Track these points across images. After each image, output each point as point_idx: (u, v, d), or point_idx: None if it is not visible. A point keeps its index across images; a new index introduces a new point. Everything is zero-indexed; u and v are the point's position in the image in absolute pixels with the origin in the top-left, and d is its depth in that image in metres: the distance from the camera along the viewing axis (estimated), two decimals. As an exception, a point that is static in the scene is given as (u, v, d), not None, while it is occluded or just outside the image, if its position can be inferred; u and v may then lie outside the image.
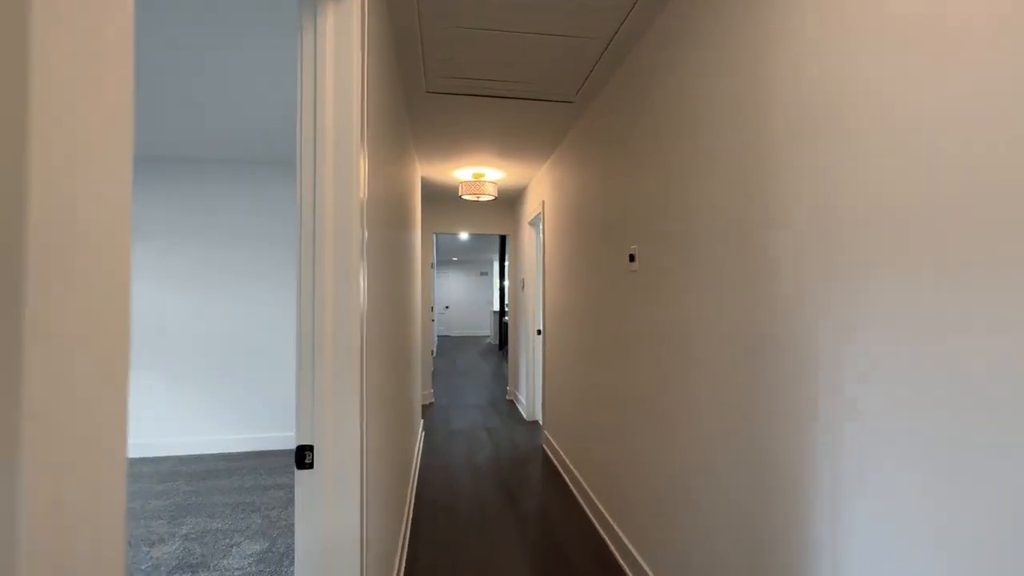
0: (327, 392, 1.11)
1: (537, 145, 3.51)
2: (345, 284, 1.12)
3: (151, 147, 3.52)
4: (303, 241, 1.10)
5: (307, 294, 1.10)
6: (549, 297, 3.88)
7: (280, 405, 3.92)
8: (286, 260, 3.97)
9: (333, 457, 1.11)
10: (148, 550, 2.37)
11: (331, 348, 1.11)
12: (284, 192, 3.97)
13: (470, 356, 9.98)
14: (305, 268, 1.10)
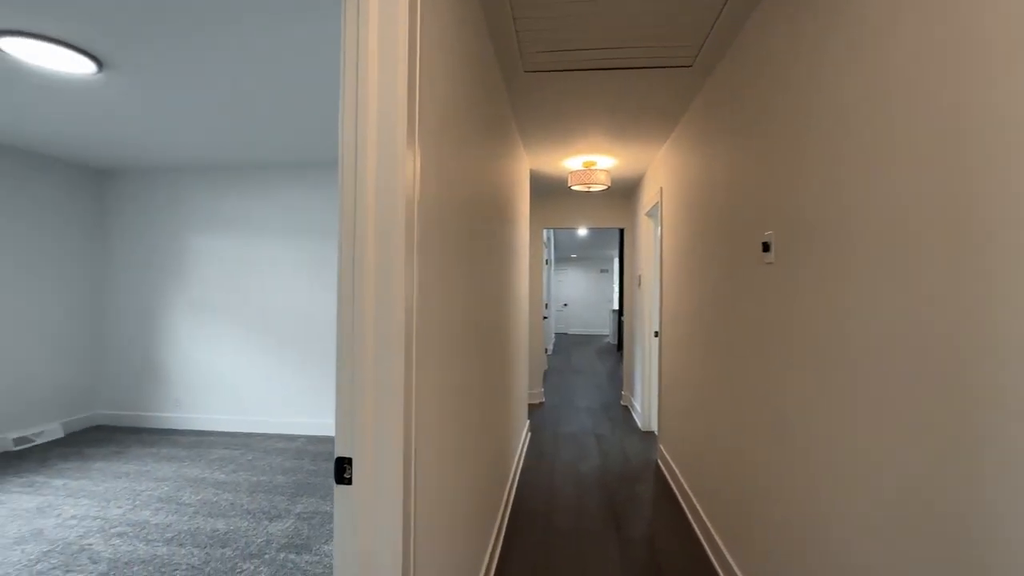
0: (367, 402, 0.97)
1: (652, 124, 3.12)
2: (386, 288, 0.97)
3: (309, 153, 3.88)
4: (343, 241, 0.98)
5: (347, 298, 0.98)
6: (667, 295, 3.45)
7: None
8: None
9: (373, 473, 0.97)
10: (267, 524, 2.56)
11: (371, 355, 0.97)
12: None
13: (586, 355, 9.67)
14: (344, 269, 0.98)
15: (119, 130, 3.28)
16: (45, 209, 3.97)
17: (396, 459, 0.97)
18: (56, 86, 2.56)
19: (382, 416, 0.97)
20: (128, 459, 3.51)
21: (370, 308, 0.97)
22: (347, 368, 0.97)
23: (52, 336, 4.04)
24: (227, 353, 4.27)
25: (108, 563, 2.19)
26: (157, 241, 4.37)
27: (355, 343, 0.97)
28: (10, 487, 3.01)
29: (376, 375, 0.97)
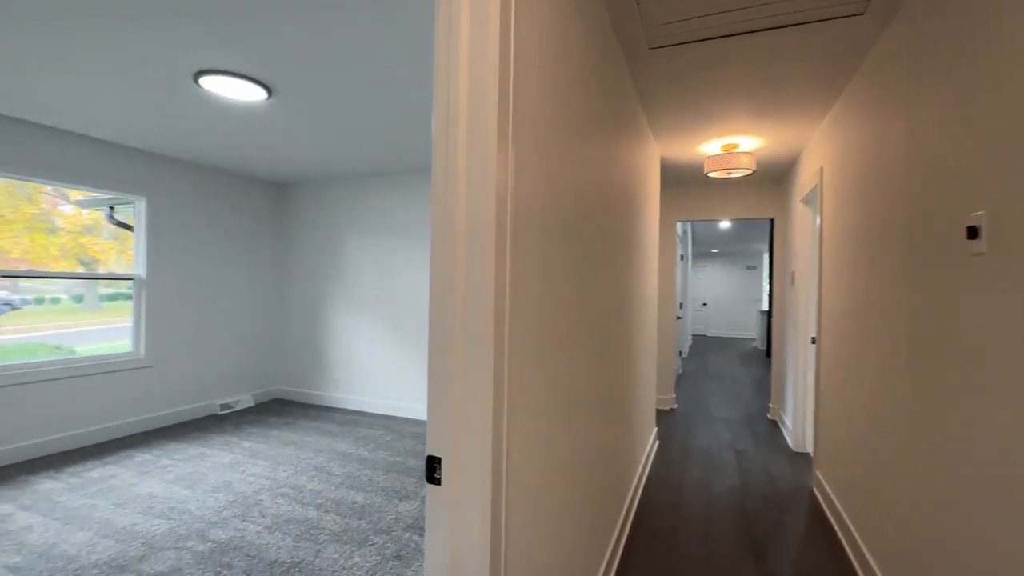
0: (455, 402, 0.93)
1: (810, 94, 2.64)
2: (476, 288, 0.93)
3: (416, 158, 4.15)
4: (435, 241, 0.95)
5: (438, 298, 0.95)
6: (828, 295, 2.92)
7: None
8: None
9: (461, 474, 0.93)
10: (397, 503, 2.76)
11: (460, 355, 0.93)
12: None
13: (727, 360, 8.78)
14: (436, 269, 0.95)
15: (287, 147, 3.82)
16: (238, 218, 4.83)
17: (484, 461, 0.92)
18: (237, 113, 3.06)
19: (470, 417, 0.93)
20: (296, 430, 4.10)
21: (460, 308, 0.93)
22: (437, 367, 0.95)
23: (245, 324, 4.91)
24: (374, 342, 4.75)
25: (272, 518, 2.55)
26: (322, 243, 5.04)
27: (445, 343, 0.94)
28: (214, 444, 3.71)
29: (464, 376, 0.93)
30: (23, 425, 3.31)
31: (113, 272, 4.27)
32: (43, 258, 4.23)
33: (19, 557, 2.16)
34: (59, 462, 3.28)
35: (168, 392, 4.20)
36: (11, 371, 3.26)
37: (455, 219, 0.94)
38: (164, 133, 3.51)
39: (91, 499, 2.74)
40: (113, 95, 2.80)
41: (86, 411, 3.65)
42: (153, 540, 2.32)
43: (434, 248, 0.95)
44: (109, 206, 4.29)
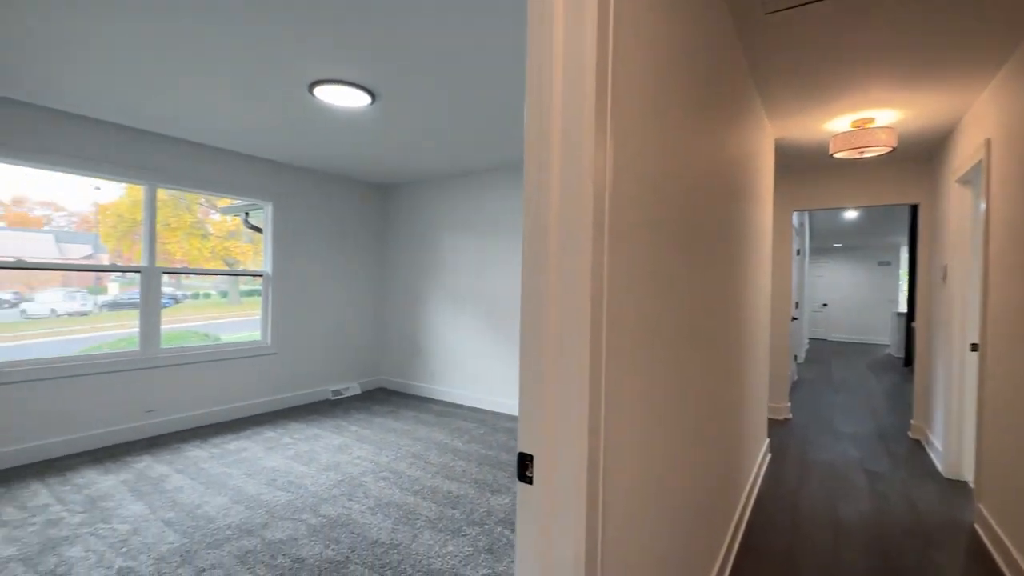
0: (548, 399, 0.88)
1: (976, 51, 2.20)
2: (571, 285, 0.86)
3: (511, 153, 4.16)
4: (527, 235, 0.90)
5: (530, 294, 0.90)
6: (996, 292, 2.41)
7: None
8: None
9: (554, 474, 0.87)
10: (490, 496, 2.78)
11: (554, 352, 0.87)
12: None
13: (854, 368, 7.76)
14: (528, 264, 0.90)
15: (387, 150, 4.04)
16: (346, 219, 5.23)
17: (578, 463, 0.85)
18: (344, 119, 3.28)
19: (564, 414, 0.87)
20: (398, 418, 4.33)
21: (553, 304, 0.88)
22: (529, 362, 0.90)
23: (354, 318, 5.30)
24: (468, 337, 4.87)
25: (375, 500, 2.70)
26: (420, 241, 5.28)
27: (538, 338, 0.89)
28: (326, 427, 4.04)
29: (558, 374, 0.87)
30: (179, 400, 3.87)
31: (247, 269, 4.84)
32: (198, 259, 4.93)
33: (172, 513, 2.51)
34: (204, 433, 3.78)
35: (289, 377, 4.67)
36: (173, 353, 3.83)
37: (548, 214, 0.88)
38: (284, 143, 3.89)
39: (227, 468, 3.11)
40: (245, 113, 3.15)
41: (226, 390, 4.18)
42: (275, 510, 2.57)
43: (527, 244, 0.90)
44: (245, 212, 4.88)
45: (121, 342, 3.73)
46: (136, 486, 2.82)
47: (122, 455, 3.30)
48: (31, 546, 2.18)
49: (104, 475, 2.97)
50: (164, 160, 3.75)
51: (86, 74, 2.63)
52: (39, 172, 3.36)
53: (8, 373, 3.06)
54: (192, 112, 3.20)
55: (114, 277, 4.57)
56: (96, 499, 2.65)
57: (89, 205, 4.10)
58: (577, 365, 0.85)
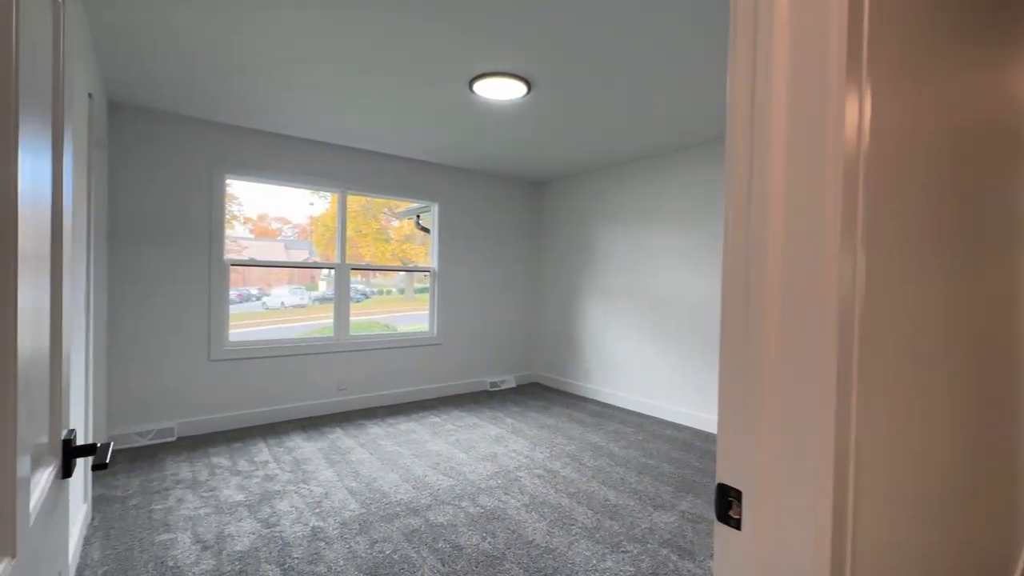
0: (763, 426, 0.64)
1: None
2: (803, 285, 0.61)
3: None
4: (730, 220, 0.68)
5: (735, 294, 0.67)
6: None
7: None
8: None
9: (777, 520, 0.63)
10: (652, 511, 2.52)
11: (774, 369, 0.63)
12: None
13: None
14: (732, 256, 0.67)
15: (542, 142, 3.99)
16: (502, 216, 5.35)
17: (815, 519, 0.60)
18: (501, 113, 3.30)
19: (793, 450, 0.62)
20: (551, 415, 4.28)
21: (773, 309, 0.63)
22: (734, 378, 0.67)
23: (509, 312, 5.43)
24: (624, 336, 4.60)
25: (529, 497, 2.65)
26: (573, 235, 5.17)
27: (747, 350, 0.66)
28: (484, 417, 4.18)
29: (784, 397, 0.63)
30: (362, 381, 4.38)
31: (417, 266, 5.28)
32: (381, 260, 5.59)
33: (355, 483, 2.79)
34: (382, 414, 4.21)
35: (452, 367, 4.96)
36: (358, 340, 4.35)
37: (766, 191, 0.64)
38: (446, 146, 4.11)
39: (399, 447, 3.39)
40: (414, 120, 3.38)
41: (399, 375, 4.61)
42: (438, 494, 2.68)
43: (729, 229, 0.68)
44: (416, 215, 5.34)
45: (325, 329, 4.37)
46: (329, 454, 3.23)
47: (320, 426, 3.83)
48: (254, 495, 2.62)
49: (306, 441, 3.47)
50: (350, 170, 4.27)
51: (292, 101, 3.08)
52: (274, 192, 4.11)
53: (244, 350, 3.77)
54: (370, 124, 3.55)
55: (323, 276, 5.38)
56: (300, 461, 3.09)
57: (305, 218, 4.98)
58: (815, 391, 0.60)
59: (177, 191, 3.50)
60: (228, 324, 3.76)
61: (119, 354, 3.31)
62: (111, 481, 2.76)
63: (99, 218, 2.91)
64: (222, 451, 3.25)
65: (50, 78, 0.77)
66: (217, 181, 3.64)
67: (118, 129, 3.27)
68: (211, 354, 3.64)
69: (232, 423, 3.73)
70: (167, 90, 3.00)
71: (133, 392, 3.36)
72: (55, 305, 0.76)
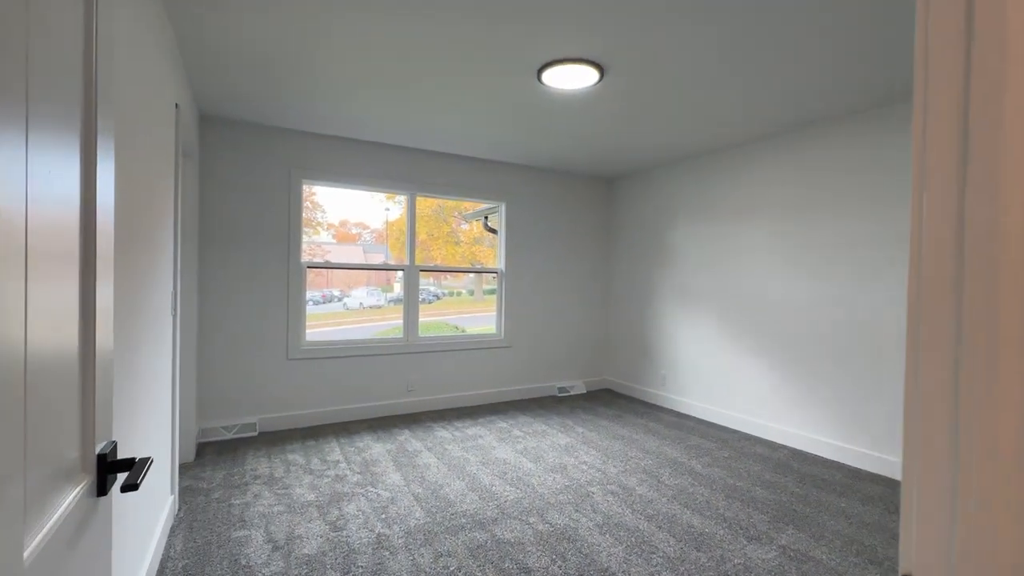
0: (1000, 488, 0.42)
1: None
2: None
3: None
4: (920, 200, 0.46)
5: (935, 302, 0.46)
6: None
7: (924, 427, 2.84)
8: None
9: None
10: (744, 544, 2.21)
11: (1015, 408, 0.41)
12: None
13: None
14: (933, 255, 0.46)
15: (615, 132, 3.74)
16: (572, 215, 5.14)
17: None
18: (572, 103, 3.11)
19: None
20: (624, 424, 4.02)
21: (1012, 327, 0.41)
22: (936, 421, 0.45)
23: (579, 314, 5.21)
24: (704, 341, 4.23)
25: (603, 516, 2.44)
26: (648, 234, 4.85)
27: (958, 376, 0.44)
28: (553, 424, 4.00)
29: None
30: (431, 382, 4.37)
31: (485, 267, 5.22)
32: (452, 262, 5.63)
33: (421, 489, 2.73)
34: (449, 416, 4.16)
35: (519, 370, 4.84)
36: (427, 341, 4.34)
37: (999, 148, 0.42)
38: (514, 143, 3.99)
39: (466, 452, 3.30)
40: (480, 116, 3.28)
41: (466, 377, 4.55)
42: (505, 506, 2.54)
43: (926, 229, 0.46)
44: (484, 216, 5.28)
45: (397, 330, 4.42)
46: (397, 457, 3.21)
47: (389, 427, 3.85)
48: (324, 496, 2.63)
49: (376, 442, 3.48)
50: (419, 171, 4.27)
51: (359, 104, 3.10)
52: (354, 199, 4.25)
53: (318, 350, 3.88)
54: (437, 124, 3.51)
55: (397, 278, 5.53)
56: (369, 463, 3.09)
57: (382, 223, 5.17)
58: None
59: (259, 197, 3.66)
60: (305, 324, 3.88)
61: (209, 352, 3.51)
62: (199, 473, 2.91)
63: (189, 223, 3.09)
64: (297, 448, 3.34)
65: (80, 75, 0.70)
66: (295, 186, 3.78)
67: (207, 140, 3.48)
68: (289, 353, 3.78)
69: (308, 420, 3.85)
70: (249, 101, 3.13)
71: (220, 388, 3.55)
72: (86, 306, 0.70)
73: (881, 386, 3.04)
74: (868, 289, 3.11)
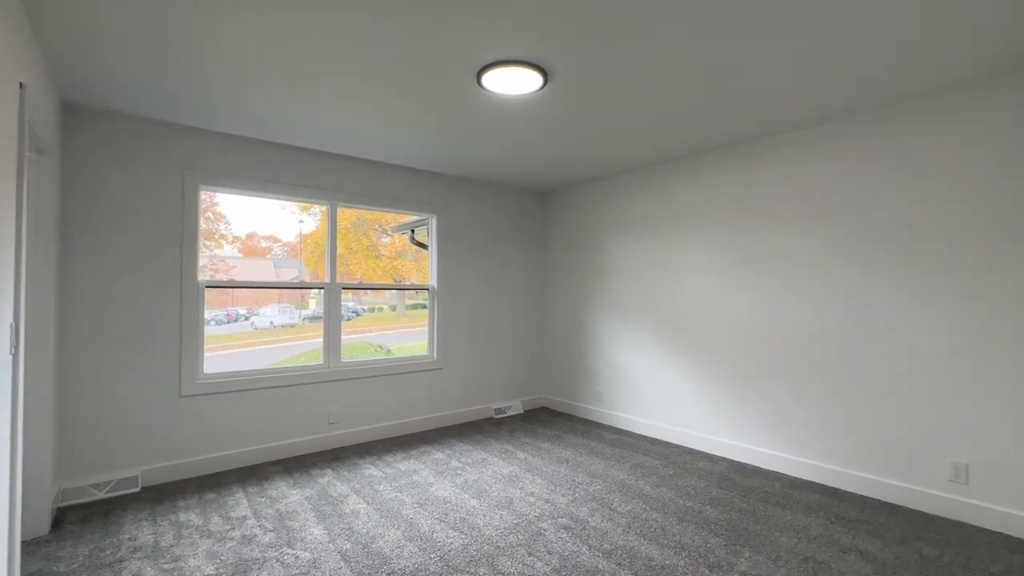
0: None
1: None
2: None
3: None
4: None
5: None
6: None
7: (875, 436, 2.96)
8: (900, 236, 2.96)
9: None
10: (707, 574, 2.10)
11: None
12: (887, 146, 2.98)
13: None
14: None
15: (555, 143, 3.63)
16: (507, 229, 4.98)
17: None
18: (512, 111, 2.94)
19: None
20: (566, 446, 3.85)
21: None
22: None
23: (514, 332, 5.02)
24: (641, 355, 4.21)
25: (559, 558, 2.22)
26: (583, 248, 4.80)
27: None
28: (493, 451, 3.74)
29: None
30: (356, 412, 3.93)
31: (414, 283, 4.88)
32: (373, 277, 5.24)
33: (349, 544, 2.34)
34: (378, 450, 3.75)
35: (454, 393, 4.53)
36: (351, 367, 3.91)
37: None
38: (448, 152, 3.74)
39: (400, 493, 2.94)
40: (412, 123, 3.00)
41: (397, 405, 4.16)
42: (449, 556, 2.24)
43: None
44: (411, 228, 4.95)
45: (315, 353, 3.93)
46: (318, 505, 2.77)
47: (308, 467, 3.37)
48: (227, 566, 2.16)
49: (292, 488, 3.01)
50: (341, 179, 3.88)
51: (272, 102, 2.70)
52: (263, 210, 3.74)
53: (220, 383, 3.32)
54: (363, 128, 3.18)
55: (313, 294, 5.01)
56: (284, 516, 2.63)
57: (295, 236, 4.70)
58: None
59: (143, 205, 3.08)
60: (203, 353, 3.31)
61: (74, 394, 2.85)
62: (54, 551, 2.29)
63: (46, 234, 2.48)
64: (193, 504, 2.78)
65: None
66: (190, 193, 3.23)
67: (73, 133, 2.86)
68: (182, 388, 3.19)
69: (207, 467, 3.26)
70: (128, 89, 2.61)
71: (89, 438, 2.89)
72: None
73: (815, 396, 3.14)
74: (801, 303, 3.22)
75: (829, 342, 3.06)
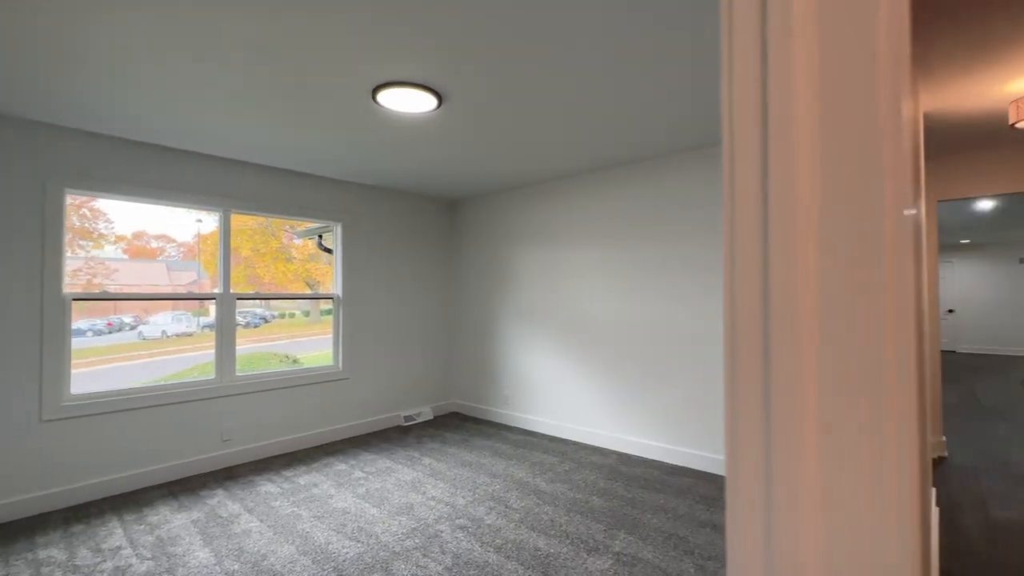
0: (809, 482, 0.45)
1: None
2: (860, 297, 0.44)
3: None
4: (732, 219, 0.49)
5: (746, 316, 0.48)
6: None
7: (715, 423, 3.39)
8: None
9: None
10: (585, 557, 2.33)
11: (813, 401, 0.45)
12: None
13: (1005, 388, 6.45)
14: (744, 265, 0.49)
15: (456, 159, 3.77)
16: (415, 237, 5.03)
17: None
18: (409, 127, 3.03)
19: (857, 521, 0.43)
20: (471, 449, 3.99)
21: (808, 330, 0.45)
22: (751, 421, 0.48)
23: (423, 338, 5.08)
24: (542, 357, 4.46)
25: (452, 557, 2.34)
26: (489, 257, 4.98)
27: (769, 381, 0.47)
28: (399, 458, 3.78)
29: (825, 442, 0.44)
30: (254, 428, 3.78)
31: (319, 292, 4.76)
32: (283, 282, 5.00)
33: (238, 565, 2.29)
34: (277, 465, 3.64)
35: (361, 402, 4.49)
36: (248, 380, 3.75)
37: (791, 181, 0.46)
38: (349, 160, 3.74)
39: (297, 507, 2.90)
40: (310, 130, 2.99)
41: (299, 417, 4.05)
42: (344, 566, 2.27)
43: (736, 239, 0.49)
44: (318, 234, 4.83)
45: (209, 365, 3.71)
46: (206, 527, 2.66)
47: (197, 488, 3.20)
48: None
49: (177, 512, 2.85)
50: (236, 185, 3.72)
51: (153, 102, 2.56)
52: (156, 209, 3.45)
53: (91, 404, 3.05)
54: (257, 134, 3.10)
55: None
56: (165, 542, 2.50)
57: (193, 237, 4.36)
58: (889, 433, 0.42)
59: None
60: (69, 372, 3.03)
61: (-102, 424, 2.49)
62: None
63: None
64: (56, 539, 2.55)
65: None
66: (53, 197, 2.95)
67: (-100, 129, 2.51)
68: (44, 412, 2.89)
69: (75, 497, 2.98)
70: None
71: (-79, 473, 2.54)
72: None
73: (695, 392, 3.54)
74: (684, 308, 3.62)
75: (668, 339, 3.48)
